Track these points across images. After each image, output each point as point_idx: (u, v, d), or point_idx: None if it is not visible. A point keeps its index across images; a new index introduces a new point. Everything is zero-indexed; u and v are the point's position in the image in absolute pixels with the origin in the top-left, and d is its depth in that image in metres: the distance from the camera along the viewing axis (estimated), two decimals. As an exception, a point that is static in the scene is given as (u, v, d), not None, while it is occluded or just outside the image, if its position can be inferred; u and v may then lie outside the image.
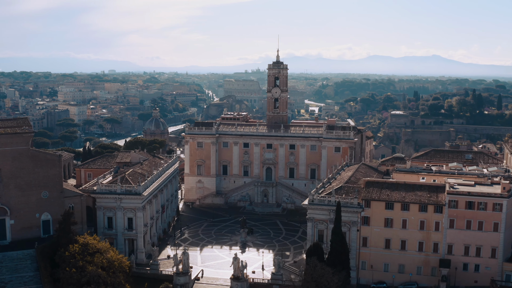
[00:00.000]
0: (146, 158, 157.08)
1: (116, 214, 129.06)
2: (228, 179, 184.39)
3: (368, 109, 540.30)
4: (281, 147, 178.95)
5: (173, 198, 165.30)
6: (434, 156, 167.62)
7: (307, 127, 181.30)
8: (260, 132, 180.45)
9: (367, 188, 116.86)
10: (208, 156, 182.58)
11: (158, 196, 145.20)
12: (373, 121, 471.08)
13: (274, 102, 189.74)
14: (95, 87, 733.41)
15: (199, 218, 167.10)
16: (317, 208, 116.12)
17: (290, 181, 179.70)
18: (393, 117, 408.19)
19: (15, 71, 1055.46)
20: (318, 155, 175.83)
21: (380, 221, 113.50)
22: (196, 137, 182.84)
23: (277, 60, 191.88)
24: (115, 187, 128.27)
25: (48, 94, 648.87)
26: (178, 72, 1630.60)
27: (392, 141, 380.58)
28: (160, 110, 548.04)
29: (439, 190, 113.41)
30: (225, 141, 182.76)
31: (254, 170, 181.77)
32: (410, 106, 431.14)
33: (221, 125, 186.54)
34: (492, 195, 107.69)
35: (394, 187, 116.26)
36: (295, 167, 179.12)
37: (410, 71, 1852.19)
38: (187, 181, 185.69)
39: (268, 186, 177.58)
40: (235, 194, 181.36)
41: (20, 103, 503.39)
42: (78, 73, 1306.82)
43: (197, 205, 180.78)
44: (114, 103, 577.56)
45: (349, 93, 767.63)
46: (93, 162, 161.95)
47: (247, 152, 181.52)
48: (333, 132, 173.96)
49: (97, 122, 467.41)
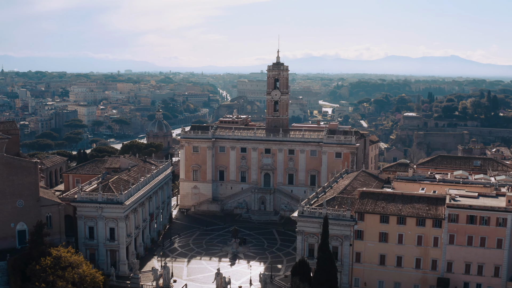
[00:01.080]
0: (136, 164, 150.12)
1: (97, 223, 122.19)
2: (225, 185, 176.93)
3: (382, 110, 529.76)
4: (280, 152, 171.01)
5: (165, 205, 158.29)
6: (440, 162, 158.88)
7: (307, 131, 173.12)
8: (258, 137, 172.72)
9: (362, 200, 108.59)
10: (204, 161, 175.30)
11: (145, 204, 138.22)
12: (386, 122, 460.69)
13: (274, 105, 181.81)
14: (108, 87, 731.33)
15: (192, 226, 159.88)
16: (307, 220, 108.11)
17: (289, 188, 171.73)
18: (405, 119, 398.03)
19: (30, 71, 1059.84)
20: (318, 160, 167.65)
21: (375, 235, 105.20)
22: (192, 141, 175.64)
23: (277, 61, 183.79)
24: (96, 195, 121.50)
25: (60, 94, 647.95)
26: (194, 72, 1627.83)
27: (404, 144, 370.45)
28: (170, 111, 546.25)
29: (439, 202, 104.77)
30: (222, 145, 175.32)
31: (252, 176, 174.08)
32: (423, 107, 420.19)
33: (218, 128, 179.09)
34: (496, 209, 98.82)
35: (390, 199, 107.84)
36: (294, 173, 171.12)
37: (428, 71, 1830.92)
38: (183, 186, 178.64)
39: (266, 193, 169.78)
40: (231, 201, 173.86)
41: (30, 104, 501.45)
42: (94, 73, 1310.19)
43: (192, 212, 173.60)
44: (125, 104, 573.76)
45: (364, 94, 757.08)
46: (82, 168, 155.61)
47: (244, 157, 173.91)
48: (333, 137, 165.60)
49: (106, 123, 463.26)
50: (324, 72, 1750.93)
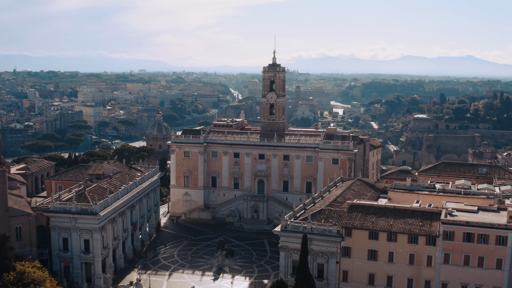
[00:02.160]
0: (120, 170, 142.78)
1: (71, 235, 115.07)
2: (217, 191, 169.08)
3: (393, 111, 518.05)
4: (274, 157, 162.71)
5: (151, 213, 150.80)
6: (443, 169, 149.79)
7: (303, 136, 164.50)
8: (252, 141, 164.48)
9: (350, 213, 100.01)
10: (195, 167, 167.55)
11: (126, 213, 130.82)
12: (397, 124, 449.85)
13: (270, 108, 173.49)
14: (117, 88, 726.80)
15: (180, 235, 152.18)
16: (290, 235, 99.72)
17: (284, 195, 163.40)
18: (416, 121, 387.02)
19: (42, 71, 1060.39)
20: (315, 167, 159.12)
21: (363, 252, 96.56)
22: (183, 146, 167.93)
23: (273, 62, 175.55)
24: (70, 205, 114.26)
25: (69, 94, 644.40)
26: (208, 72, 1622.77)
27: (414, 146, 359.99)
28: (178, 111, 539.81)
29: (434, 217, 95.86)
30: (214, 150, 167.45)
31: (245, 182, 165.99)
32: (434, 109, 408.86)
33: (211, 133, 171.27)
34: (495, 226, 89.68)
35: (381, 213, 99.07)
36: (289, 180, 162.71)
37: (444, 71, 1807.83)
38: (173, 193, 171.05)
39: (259, 200, 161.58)
40: (223, 208, 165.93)
41: (36, 104, 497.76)
42: (108, 73, 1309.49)
43: (182, 220, 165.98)
44: (133, 104, 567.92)
45: (376, 95, 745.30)
46: (65, 174, 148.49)
47: (237, 163, 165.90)
48: (330, 142, 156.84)
49: (112, 123, 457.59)
50: (339, 72, 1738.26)
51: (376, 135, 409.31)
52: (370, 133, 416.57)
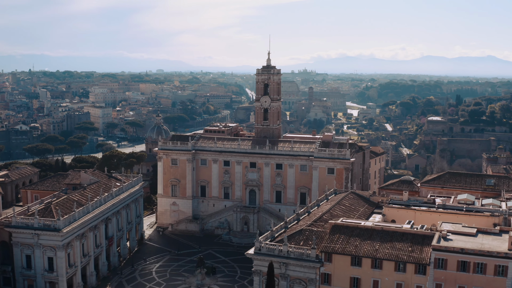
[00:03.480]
0: (97, 180, 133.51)
1: (34, 252, 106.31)
2: (206, 201, 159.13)
3: (409, 113, 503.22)
4: (267, 166, 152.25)
5: (132, 225, 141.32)
6: (448, 180, 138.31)
7: (298, 143, 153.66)
8: (242, 149, 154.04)
9: (332, 235, 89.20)
10: (183, 175, 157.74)
11: (100, 227, 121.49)
12: (411, 126, 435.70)
13: (264, 113, 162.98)
14: (130, 88, 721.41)
15: (164, 249, 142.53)
16: (264, 259, 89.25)
17: (276, 206, 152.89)
18: (430, 124, 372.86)
19: (57, 71, 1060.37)
20: (309, 176, 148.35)
21: (345, 280, 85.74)
22: (170, 153, 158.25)
23: (267, 64, 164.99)
24: (33, 220, 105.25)
25: (81, 95, 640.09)
26: (226, 72, 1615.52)
27: (428, 150, 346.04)
28: (189, 112, 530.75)
29: (426, 241, 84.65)
30: (203, 158, 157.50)
31: (236, 192, 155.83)
32: (449, 111, 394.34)
33: (201, 139, 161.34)
34: (494, 254, 78.27)
35: (367, 235, 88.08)
36: (282, 190, 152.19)
37: (464, 72, 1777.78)
38: (161, 203, 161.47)
39: (249, 212, 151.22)
40: (212, 220, 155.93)
41: (45, 105, 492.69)
42: (126, 73, 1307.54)
43: (169, 232, 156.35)
44: (144, 105, 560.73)
45: (393, 96, 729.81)
46: (42, 183, 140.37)
47: (227, 172, 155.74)
48: (326, 151, 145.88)
49: (120, 125, 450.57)
50: (358, 72, 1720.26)
51: (389, 138, 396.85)
52: (384, 135, 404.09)
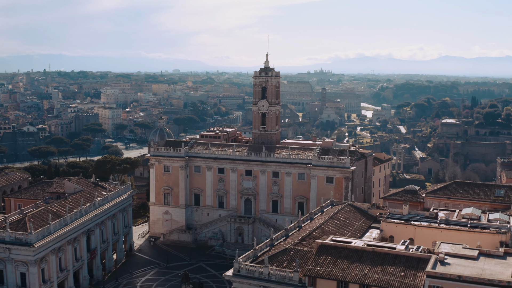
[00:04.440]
0: (82, 188, 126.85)
1: (6, 267, 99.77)
2: (200, 210, 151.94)
3: (423, 115, 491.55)
4: (263, 174, 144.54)
5: (119, 236, 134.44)
6: (455, 190, 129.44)
7: (296, 150, 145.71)
8: (237, 156, 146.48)
9: (318, 256, 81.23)
10: (176, 183, 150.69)
11: (80, 239, 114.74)
12: (425, 129, 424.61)
13: (261, 117, 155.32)
14: (142, 89, 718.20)
15: (153, 261, 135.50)
16: (244, 282, 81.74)
17: (273, 216, 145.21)
18: (443, 126, 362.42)
19: (72, 71, 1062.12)
20: (307, 185, 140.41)
21: (330, 307, 77.84)
22: (163, 160, 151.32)
23: (265, 66, 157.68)
24: (4, 233, 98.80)
25: (93, 95, 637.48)
26: (242, 72, 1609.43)
27: (441, 153, 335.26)
28: (200, 114, 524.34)
29: (421, 265, 76.33)
30: (197, 165, 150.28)
31: (231, 201, 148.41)
32: (464, 113, 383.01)
33: (195, 145, 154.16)
34: (495, 283, 69.79)
35: (356, 257, 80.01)
36: (279, 199, 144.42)
37: (482, 72, 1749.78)
38: (153, 211, 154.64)
39: (243, 223, 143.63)
40: (206, 230, 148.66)
41: (55, 106, 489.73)
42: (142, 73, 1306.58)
43: (161, 242, 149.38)
44: (156, 106, 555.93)
45: (408, 97, 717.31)
46: (26, 191, 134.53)
47: (222, 179, 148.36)
48: (324, 158, 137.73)
49: (130, 126, 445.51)
50: (375, 73, 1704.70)
51: (402, 140, 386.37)
52: (397, 138, 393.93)
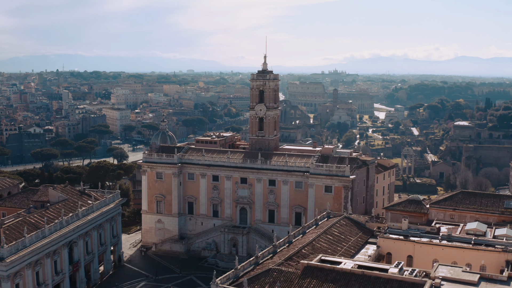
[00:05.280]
0: (66, 197, 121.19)
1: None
2: (194, 219, 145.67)
3: (436, 116, 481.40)
4: (259, 182, 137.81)
5: (106, 247, 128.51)
6: (461, 201, 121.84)
7: (294, 157, 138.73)
8: (232, 162, 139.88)
9: (302, 279, 74.43)
10: (169, 190, 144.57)
11: (61, 252, 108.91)
12: (438, 131, 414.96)
13: (259, 122, 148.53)
14: (153, 89, 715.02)
15: (142, 273, 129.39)
16: (221, 306, 75.20)
17: (269, 227, 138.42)
18: (456, 129, 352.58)
19: (85, 71, 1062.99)
20: (305, 194, 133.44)
21: (314, 336, 71.08)
22: (155, 166, 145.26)
23: (263, 68, 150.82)
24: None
25: (103, 96, 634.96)
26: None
27: (454, 157, 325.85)
28: (209, 115, 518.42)
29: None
30: (191, 172, 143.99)
31: (226, 210, 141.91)
32: (478, 115, 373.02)
33: (190, 150, 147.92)
34: (495, 315, 62.80)
35: (343, 280, 73.06)
36: (275, 208, 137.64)
37: (499, 72, 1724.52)
38: (145, 220, 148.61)
39: (238, 233, 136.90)
40: (199, 240, 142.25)
41: (64, 106, 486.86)
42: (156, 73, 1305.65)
43: (153, 252, 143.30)
44: (165, 107, 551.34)
45: (422, 98, 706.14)
46: (10, 199, 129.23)
47: (216, 187, 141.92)
48: (323, 166, 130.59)
49: (138, 127, 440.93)
50: (390, 73, 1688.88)
51: (414, 143, 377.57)
52: (409, 140, 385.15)
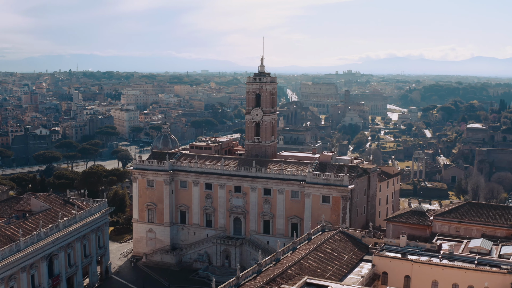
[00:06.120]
0: (48, 207, 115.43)
1: None
2: (187, 229, 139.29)
3: (450, 118, 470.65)
4: (253, 191, 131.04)
5: (91, 259, 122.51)
6: (467, 213, 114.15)
7: (291, 164, 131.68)
8: (225, 170, 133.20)
9: (282, 306, 67.83)
10: (160, 199, 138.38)
11: (39, 265, 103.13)
12: (451, 133, 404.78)
13: (255, 128, 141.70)
14: (164, 90, 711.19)
15: (129, 286, 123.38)
16: (193, 335, 68.65)
17: (264, 238, 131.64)
18: (469, 131, 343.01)
19: (98, 71, 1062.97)
20: (301, 205, 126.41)
21: None
22: (146, 173, 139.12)
23: (260, 70, 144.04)
24: None
25: (113, 96, 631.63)
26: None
27: (467, 160, 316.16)
28: (219, 116, 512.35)
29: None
30: (183, 179, 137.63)
31: (219, 220, 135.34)
32: (491, 118, 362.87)
33: (183, 157, 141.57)
34: None
35: (327, 308, 66.36)
36: (271, 219, 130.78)
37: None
38: (136, 229, 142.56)
39: (230, 245, 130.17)
40: (191, 251, 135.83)
41: (72, 107, 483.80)
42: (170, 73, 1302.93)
43: (143, 263, 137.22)
44: (175, 108, 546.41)
45: (436, 99, 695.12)
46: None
47: (209, 196, 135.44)
48: (320, 175, 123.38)
49: (146, 129, 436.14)
50: (405, 73, 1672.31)
51: (427, 145, 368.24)
52: (421, 143, 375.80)
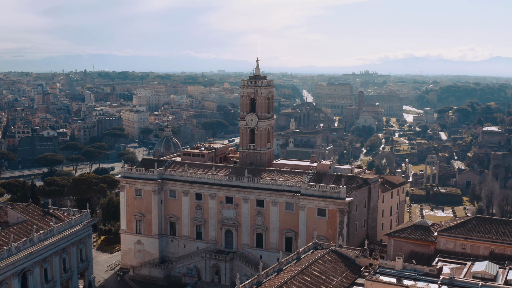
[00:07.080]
0: (26, 219, 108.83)
1: None
2: (176, 241, 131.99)
3: (466, 120, 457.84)
4: (245, 202, 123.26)
5: (72, 273, 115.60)
6: (474, 229, 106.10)
7: (286, 174, 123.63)
8: (216, 180, 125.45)
9: None
10: (149, 209, 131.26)
11: (10, 282, 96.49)
12: (466, 136, 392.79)
13: (250, 134, 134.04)
14: (177, 90, 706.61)
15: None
16: None
17: (257, 252, 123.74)
18: (485, 134, 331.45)
19: (113, 71, 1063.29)
20: (296, 217, 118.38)
21: None
22: (134, 182, 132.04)
23: (255, 73, 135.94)
24: None
25: (125, 97, 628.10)
26: (287, 72, 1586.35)
27: (482, 164, 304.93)
28: (231, 117, 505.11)
29: None
30: (172, 189, 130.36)
31: (210, 232, 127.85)
32: (508, 120, 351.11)
33: (173, 165, 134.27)
34: None
35: None
36: (264, 232, 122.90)
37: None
38: (124, 240, 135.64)
39: (220, 260, 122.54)
40: (180, 265, 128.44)
41: (82, 108, 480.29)
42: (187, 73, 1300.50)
43: (130, 277, 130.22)
44: (187, 109, 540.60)
45: (453, 100, 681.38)
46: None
47: (200, 207, 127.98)
48: (316, 186, 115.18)
49: (155, 130, 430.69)
50: (423, 74, 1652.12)
51: (441, 148, 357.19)
52: (436, 146, 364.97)
